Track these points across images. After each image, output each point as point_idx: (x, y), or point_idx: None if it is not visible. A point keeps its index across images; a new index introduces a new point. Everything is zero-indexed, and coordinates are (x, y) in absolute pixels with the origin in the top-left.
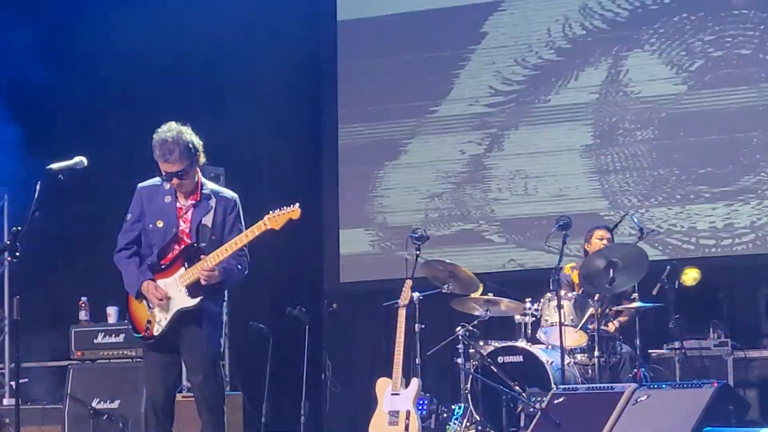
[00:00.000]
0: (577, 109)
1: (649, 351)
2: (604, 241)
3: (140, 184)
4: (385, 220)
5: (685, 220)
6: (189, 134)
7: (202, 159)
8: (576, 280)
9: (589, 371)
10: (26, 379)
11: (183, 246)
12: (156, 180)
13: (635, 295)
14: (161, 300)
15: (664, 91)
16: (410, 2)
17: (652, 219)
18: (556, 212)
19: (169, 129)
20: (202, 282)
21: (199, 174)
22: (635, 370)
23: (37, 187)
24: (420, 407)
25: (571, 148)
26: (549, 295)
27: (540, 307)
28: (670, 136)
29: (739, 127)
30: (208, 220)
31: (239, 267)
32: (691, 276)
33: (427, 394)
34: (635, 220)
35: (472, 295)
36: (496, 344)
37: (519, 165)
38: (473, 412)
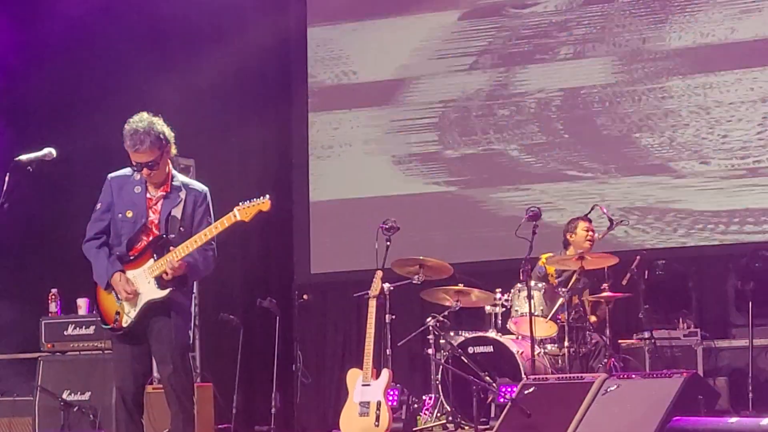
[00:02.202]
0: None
1: (619, 341)
2: (590, 233)
3: (110, 175)
4: (356, 211)
5: (657, 210)
6: (160, 125)
7: (173, 150)
8: (551, 272)
9: (560, 361)
10: None
11: (152, 237)
12: (126, 170)
13: (605, 285)
14: (129, 295)
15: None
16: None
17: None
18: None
19: (141, 119)
20: (167, 274)
21: (170, 165)
22: (605, 360)
23: (6, 179)
24: (391, 398)
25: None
26: (519, 285)
27: (510, 298)
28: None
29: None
30: (177, 212)
31: (204, 260)
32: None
33: (398, 385)
34: (604, 210)
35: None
36: (467, 335)
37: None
38: (444, 402)
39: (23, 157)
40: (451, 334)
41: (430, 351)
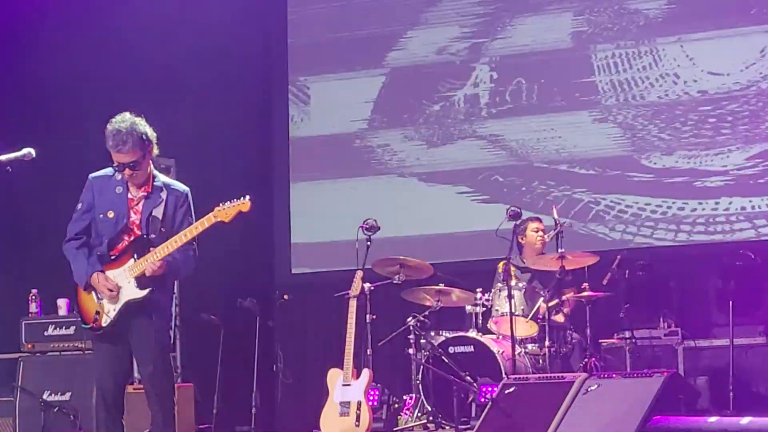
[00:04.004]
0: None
1: (600, 340)
2: (540, 233)
3: (92, 174)
4: (337, 211)
5: (636, 209)
6: (143, 125)
7: (155, 151)
8: (513, 273)
9: (540, 361)
10: None
11: (133, 237)
12: (108, 170)
13: (585, 284)
14: (111, 292)
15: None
16: None
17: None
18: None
19: (123, 119)
20: (146, 274)
21: (152, 166)
22: (586, 360)
23: None
24: (371, 398)
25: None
26: (500, 285)
27: (491, 297)
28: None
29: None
30: (158, 212)
31: (185, 260)
32: None
33: (379, 385)
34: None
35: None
36: (447, 334)
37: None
38: (424, 402)
39: (2, 158)
40: (432, 334)
41: (410, 351)
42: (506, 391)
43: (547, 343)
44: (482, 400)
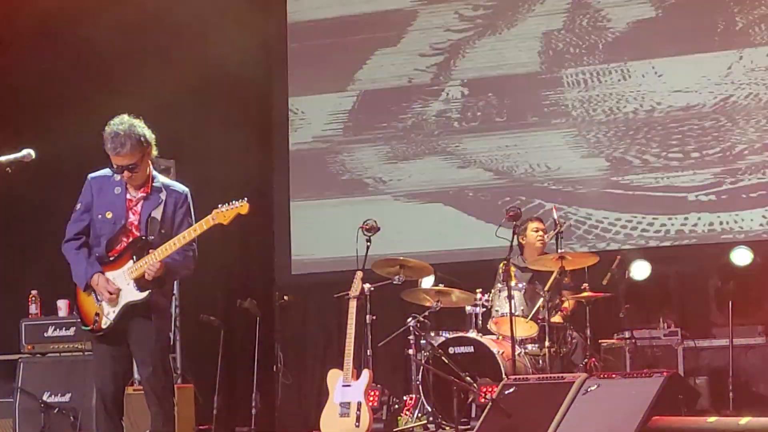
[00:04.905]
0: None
1: (600, 341)
2: (540, 233)
3: (90, 175)
4: (336, 211)
5: (636, 210)
6: (141, 127)
7: (154, 152)
8: (512, 274)
9: (540, 361)
10: None
11: (131, 238)
12: (107, 171)
13: (585, 285)
14: (111, 295)
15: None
16: None
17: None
18: None
19: (121, 122)
20: (146, 275)
21: (151, 167)
22: (586, 360)
23: None
24: (371, 398)
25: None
26: (499, 285)
27: (491, 298)
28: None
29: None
30: (157, 213)
31: (184, 262)
32: (642, 270)
33: (379, 386)
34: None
35: (423, 286)
36: (447, 335)
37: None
38: (424, 402)
39: (1, 159)
40: (432, 334)
41: (410, 351)
42: (506, 392)
43: (547, 343)
44: (482, 400)
